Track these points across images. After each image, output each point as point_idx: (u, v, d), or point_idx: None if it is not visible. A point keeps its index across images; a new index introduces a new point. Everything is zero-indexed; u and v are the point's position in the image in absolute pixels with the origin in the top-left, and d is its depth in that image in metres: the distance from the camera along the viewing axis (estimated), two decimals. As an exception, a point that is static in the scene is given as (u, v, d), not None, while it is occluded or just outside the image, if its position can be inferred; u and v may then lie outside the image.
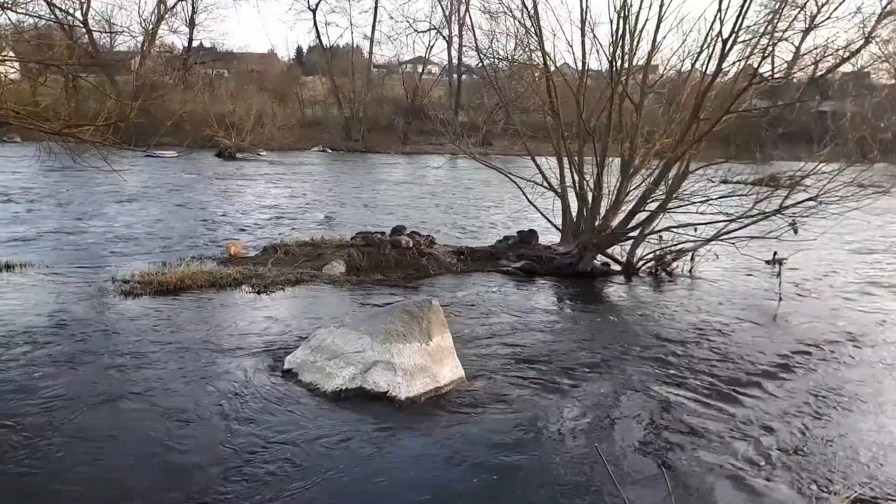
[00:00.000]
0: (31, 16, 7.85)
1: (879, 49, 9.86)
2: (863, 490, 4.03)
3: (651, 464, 4.29)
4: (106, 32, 37.28)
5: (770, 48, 9.20)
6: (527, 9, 11.03)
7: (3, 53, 8.74)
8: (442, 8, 47.10)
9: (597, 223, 10.15)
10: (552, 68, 10.91)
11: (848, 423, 5.08)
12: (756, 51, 9.30)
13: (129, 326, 6.57)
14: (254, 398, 5.01)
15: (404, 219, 14.14)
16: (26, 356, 5.65)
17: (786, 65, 10.33)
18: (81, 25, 26.20)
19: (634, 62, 10.08)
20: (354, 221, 14.23)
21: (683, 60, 10.37)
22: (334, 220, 14.42)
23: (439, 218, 15.65)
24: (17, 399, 4.82)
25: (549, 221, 11.57)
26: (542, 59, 10.91)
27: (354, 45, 50.26)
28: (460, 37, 44.40)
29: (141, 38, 40.17)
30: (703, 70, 9.67)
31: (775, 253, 9.35)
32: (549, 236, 11.73)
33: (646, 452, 4.45)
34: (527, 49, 11.80)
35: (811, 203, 8.86)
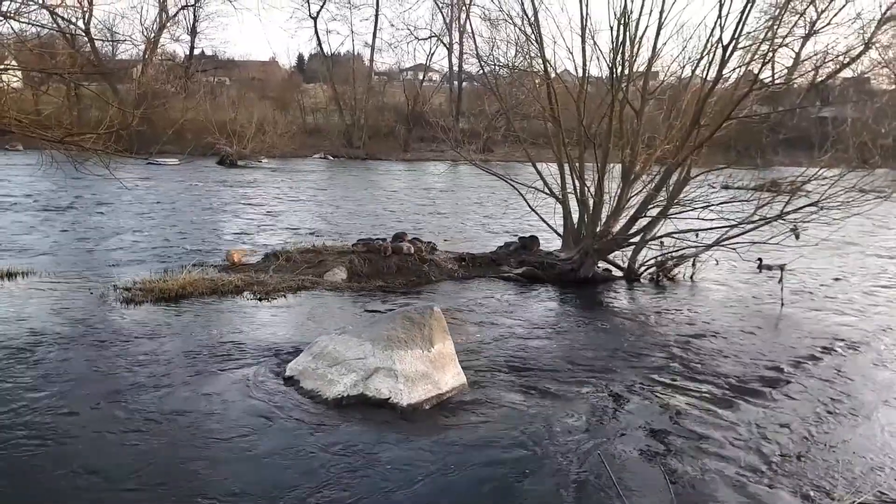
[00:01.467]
0: (33, 25, 7.90)
1: (879, 55, 9.90)
2: (865, 496, 4.01)
3: (654, 470, 4.28)
4: (108, 41, 37.46)
5: (770, 54, 9.22)
6: (527, 16, 11.07)
7: (5, 62, 8.78)
8: (443, 15, 47.07)
9: (598, 229, 10.15)
10: (553, 75, 10.93)
11: (851, 428, 5.06)
12: (756, 57, 9.33)
13: (131, 334, 6.57)
14: (255, 405, 5.01)
15: (405, 225, 14.16)
16: (27, 364, 5.65)
17: (786, 71, 10.35)
18: (84, 34, 26.31)
19: (635, 69, 10.10)
20: (356, 228, 14.24)
21: (684, 67, 10.41)
22: (335, 227, 14.42)
23: (440, 224, 15.66)
24: (18, 406, 4.82)
25: (551, 227, 11.57)
26: (542, 65, 10.93)
27: (355, 53, 50.33)
28: (461, 44, 44.44)
29: (143, 47, 40.33)
30: (704, 76, 9.69)
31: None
32: (551, 242, 11.73)
33: (649, 459, 4.44)
34: (527, 56, 11.83)
35: (812, 208, 8.86)
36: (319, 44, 47.92)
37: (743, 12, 8.76)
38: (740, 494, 4.04)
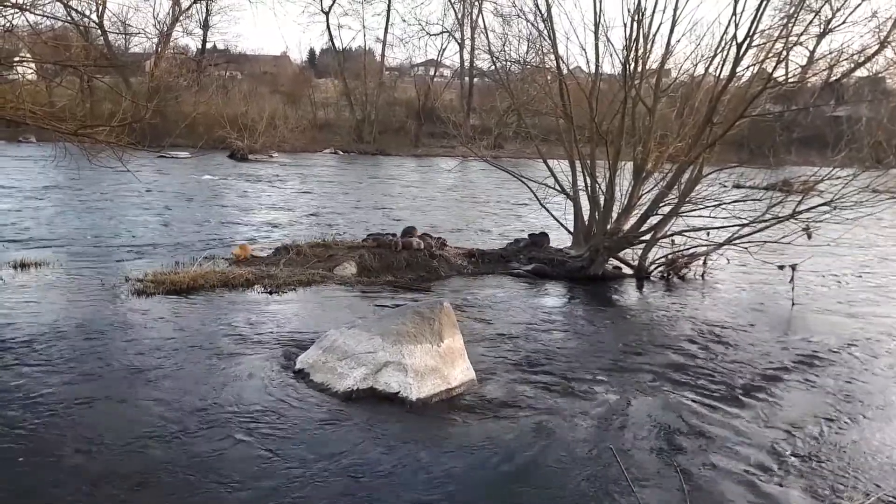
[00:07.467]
0: (47, 17, 7.92)
1: (895, 54, 9.76)
2: (877, 496, 3.99)
3: (666, 466, 4.27)
4: (121, 34, 37.53)
5: (785, 52, 9.15)
6: (540, 12, 11.04)
7: (20, 54, 8.83)
8: (454, 11, 46.98)
9: (609, 227, 10.12)
10: (565, 71, 10.90)
11: (862, 428, 5.04)
12: (770, 55, 9.26)
13: (141, 326, 6.62)
14: (265, 398, 5.03)
15: (415, 221, 14.14)
16: (40, 354, 5.70)
17: (800, 69, 10.27)
18: (97, 27, 26.33)
19: (648, 66, 10.06)
20: (366, 223, 14.26)
21: (697, 64, 10.36)
22: (345, 222, 14.44)
23: (450, 220, 15.64)
24: (30, 397, 4.87)
25: (561, 224, 11.55)
26: (554, 62, 10.90)
27: (367, 48, 50.31)
28: (472, 40, 44.32)
29: (156, 40, 40.45)
30: (717, 74, 9.64)
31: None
32: (561, 239, 11.70)
33: (660, 455, 4.43)
34: (539, 52, 11.81)
35: (825, 208, 8.79)
36: (331, 38, 47.96)
37: (758, 10, 8.70)
38: (751, 492, 4.03)
